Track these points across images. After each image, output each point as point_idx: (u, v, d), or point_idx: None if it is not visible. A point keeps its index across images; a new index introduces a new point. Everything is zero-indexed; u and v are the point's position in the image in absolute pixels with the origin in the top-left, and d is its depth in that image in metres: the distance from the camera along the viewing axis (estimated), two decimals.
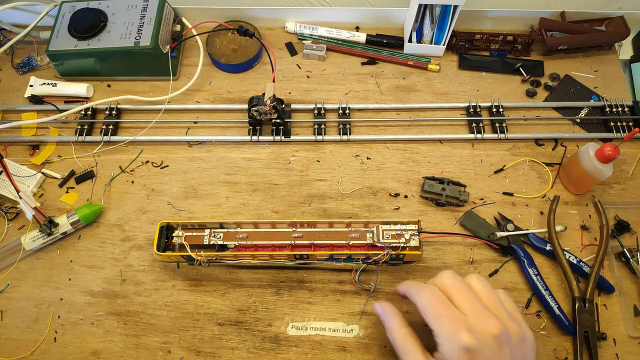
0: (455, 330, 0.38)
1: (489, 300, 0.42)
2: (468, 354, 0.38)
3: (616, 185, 0.60)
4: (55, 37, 0.64)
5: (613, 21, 0.68)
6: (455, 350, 0.38)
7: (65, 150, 0.63)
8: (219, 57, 0.68)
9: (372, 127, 0.65)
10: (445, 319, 0.40)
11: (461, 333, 0.38)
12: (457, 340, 0.38)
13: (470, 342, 0.38)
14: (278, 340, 0.52)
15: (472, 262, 0.55)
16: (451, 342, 0.38)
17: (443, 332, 0.39)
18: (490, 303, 0.41)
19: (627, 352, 0.51)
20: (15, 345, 0.52)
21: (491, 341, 0.39)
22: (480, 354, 0.38)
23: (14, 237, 0.57)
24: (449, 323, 0.39)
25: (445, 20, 0.65)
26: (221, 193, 0.60)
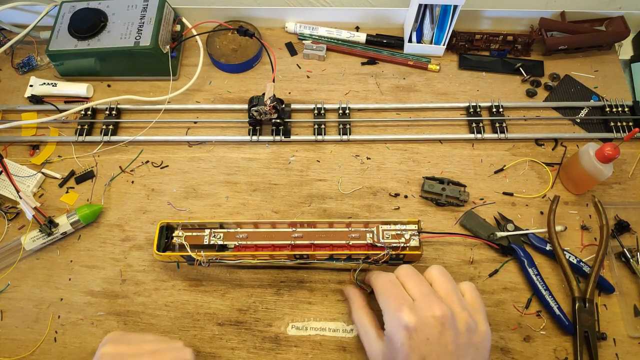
0: (398, 308, 0.41)
1: (441, 287, 0.43)
2: (407, 332, 0.40)
3: (616, 185, 0.60)
4: (55, 37, 0.64)
5: (613, 21, 0.68)
6: (396, 327, 0.40)
7: (65, 150, 0.63)
8: (219, 57, 0.68)
9: (372, 127, 0.65)
10: (391, 298, 0.43)
11: (403, 311, 0.41)
12: (399, 317, 0.40)
13: (409, 320, 0.40)
14: (278, 340, 0.52)
15: (472, 262, 0.55)
16: (393, 319, 0.41)
17: (388, 310, 0.42)
18: (442, 290, 0.43)
19: (627, 352, 0.51)
20: (15, 345, 0.52)
21: (432, 322, 0.40)
22: (420, 333, 0.40)
23: (14, 237, 0.57)
24: (393, 302, 0.42)
25: (445, 20, 0.65)
26: (221, 193, 0.60)
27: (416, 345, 0.39)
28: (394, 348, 0.41)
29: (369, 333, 0.45)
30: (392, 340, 0.41)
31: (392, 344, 0.41)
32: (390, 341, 0.41)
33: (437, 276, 0.44)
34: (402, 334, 0.40)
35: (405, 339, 0.40)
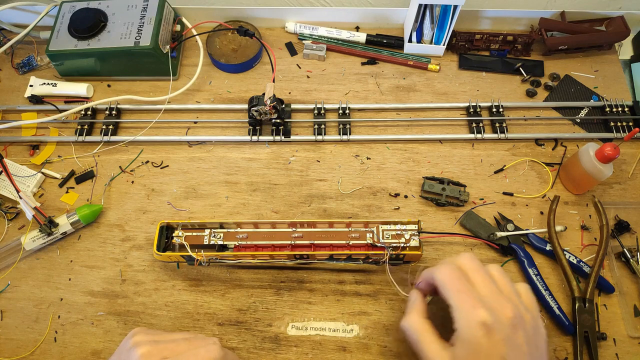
0: (474, 305, 0.39)
1: (505, 288, 0.42)
2: (484, 330, 0.38)
3: (616, 185, 0.60)
4: (55, 37, 0.64)
5: (613, 21, 0.68)
6: (473, 325, 0.38)
7: (65, 150, 0.63)
8: (219, 57, 0.68)
9: (372, 127, 0.65)
10: (463, 294, 0.40)
11: (479, 308, 0.38)
12: (475, 315, 0.38)
13: (487, 318, 0.38)
14: (278, 340, 0.52)
15: None
16: (469, 316, 0.39)
17: (461, 306, 0.39)
18: (506, 291, 0.42)
19: (627, 352, 0.51)
20: (15, 345, 0.52)
21: (506, 322, 0.39)
22: (497, 333, 0.38)
23: (14, 237, 0.57)
24: (467, 298, 0.39)
25: (445, 20, 0.65)
26: (221, 193, 0.60)
27: (494, 345, 0.38)
28: (471, 349, 0.38)
29: (433, 342, 0.41)
30: (469, 340, 0.38)
31: (470, 345, 0.38)
32: (467, 342, 0.38)
33: (499, 276, 0.43)
34: (482, 333, 0.38)
35: (485, 338, 0.38)
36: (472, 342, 0.38)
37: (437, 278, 0.42)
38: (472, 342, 0.38)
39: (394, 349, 0.51)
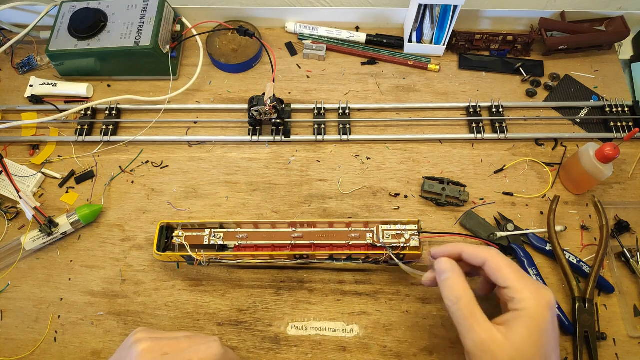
0: (540, 288, 0.40)
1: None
2: (551, 311, 0.39)
3: (616, 185, 0.60)
4: (55, 37, 0.64)
5: (613, 21, 0.68)
6: (543, 306, 0.39)
7: (65, 150, 0.63)
8: (219, 57, 0.68)
9: (372, 127, 0.65)
10: (526, 277, 0.41)
11: (546, 290, 0.40)
12: (544, 296, 0.39)
13: (553, 300, 0.39)
14: (278, 340, 0.52)
15: None
16: (538, 298, 0.39)
17: (528, 288, 0.39)
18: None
19: (627, 352, 0.51)
20: (15, 345, 0.52)
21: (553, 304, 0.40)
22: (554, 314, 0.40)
23: (14, 237, 0.57)
24: (531, 281, 0.40)
25: (445, 20, 0.65)
26: (221, 193, 0.60)
27: (554, 327, 0.39)
28: (539, 329, 0.38)
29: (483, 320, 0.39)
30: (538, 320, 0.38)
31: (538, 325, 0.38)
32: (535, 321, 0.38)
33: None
34: (549, 314, 0.39)
35: (551, 320, 0.39)
36: (541, 321, 0.39)
37: (490, 260, 0.41)
38: (541, 322, 0.39)
39: (394, 348, 0.51)
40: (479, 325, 0.39)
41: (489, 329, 0.39)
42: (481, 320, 0.39)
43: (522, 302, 0.39)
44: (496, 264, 0.41)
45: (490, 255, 0.42)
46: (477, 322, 0.39)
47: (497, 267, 0.41)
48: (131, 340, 0.42)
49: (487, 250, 0.43)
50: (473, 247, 0.43)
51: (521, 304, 0.39)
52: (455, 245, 0.44)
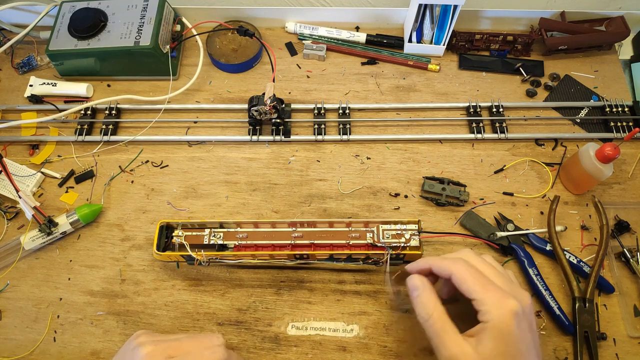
0: (503, 297, 0.39)
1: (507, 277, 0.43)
2: (516, 319, 0.39)
3: (616, 185, 0.60)
4: (55, 37, 0.64)
5: (613, 21, 0.68)
6: (506, 315, 0.39)
7: (65, 150, 0.63)
8: (219, 57, 0.68)
9: (372, 127, 0.65)
10: (489, 286, 0.40)
11: (509, 299, 0.39)
12: (507, 305, 0.39)
13: (517, 307, 0.39)
14: (278, 340, 0.51)
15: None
16: (501, 308, 0.39)
17: (490, 298, 0.40)
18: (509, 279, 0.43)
19: (627, 352, 0.51)
20: (15, 345, 0.52)
21: (527, 309, 0.40)
22: (524, 321, 0.39)
23: (13, 236, 0.57)
24: (495, 291, 0.40)
25: (445, 20, 0.65)
26: (221, 193, 0.60)
27: (523, 333, 0.39)
28: (503, 339, 0.38)
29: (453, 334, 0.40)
30: (502, 330, 0.38)
31: (502, 335, 0.38)
32: (499, 332, 0.39)
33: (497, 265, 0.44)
34: (514, 323, 0.38)
35: (516, 328, 0.38)
36: (506, 332, 0.39)
37: (456, 274, 0.42)
38: (506, 332, 0.39)
39: (394, 349, 0.51)
40: (450, 339, 0.40)
41: (459, 343, 0.40)
42: (452, 335, 0.40)
43: (486, 314, 0.39)
44: (461, 276, 0.41)
45: (455, 267, 0.42)
46: (448, 336, 0.40)
47: (462, 279, 0.41)
48: (133, 343, 0.42)
49: (453, 262, 0.43)
50: (440, 261, 0.44)
51: (486, 315, 0.39)
52: (426, 260, 0.45)
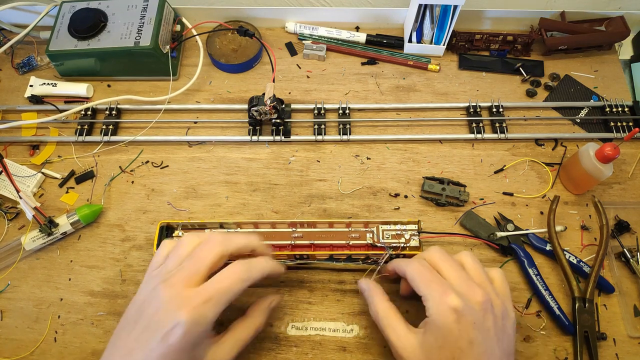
0: (444, 293, 0.40)
1: (475, 273, 0.44)
2: (456, 314, 0.39)
3: (616, 185, 0.60)
4: (55, 37, 0.64)
5: (613, 21, 0.68)
6: (445, 311, 0.40)
7: (65, 150, 0.63)
8: (219, 57, 0.68)
9: (372, 127, 0.65)
10: (433, 283, 0.42)
11: (449, 295, 0.40)
12: (446, 301, 0.40)
13: (457, 303, 0.40)
14: (278, 340, 0.52)
15: None
16: (441, 304, 0.40)
17: (432, 295, 0.41)
18: (477, 276, 0.44)
19: (627, 352, 0.51)
20: (15, 345, 0.52)
21: (476, 306, 0.41)
22: (467, 316, 0.40)
23: (14, 237, 0.57)
24: (437, 287, 0.41)
25: (445, 20, 0.65)
26: (221, 193, 0.60)
27: (464, 329, 0.39)
28: (441, 334, 0.40)
29: (398, 327, 0.43)
30: (440, 325, 0.40)
31: (440, 330, 0.40)
32: (437, 327, 0.40)
33: (470, 262, 0.45)
34: (452, 318, 0.39)
35: (455, 323, 0.39)
36: (444, 327, 0.40)
37: (408, 272, 0.44)
38: (444, 327, 0.40)
39: None
40: (395, 333, 0.43)
41: (404, 335, 0.42)
42: (397, 329, 0.43)
43: (428, 309, 0.41)
44: (411, 275, 0.44)
45: (408, 267, 0.44)
46: (394, 330, 0.43)
47: (411, 277, 0.43)
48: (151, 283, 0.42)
49: (408, 263, 0.45)
50: (398, 262, 0.47)
51: (428, 311, 0.41)
52: (391, 263, 0.48)
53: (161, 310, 0.39)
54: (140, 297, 0.42)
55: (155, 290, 0.40)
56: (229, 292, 0.41)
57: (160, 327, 0.39)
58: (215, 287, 0.40)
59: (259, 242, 0.46)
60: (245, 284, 0.42)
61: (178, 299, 0.39)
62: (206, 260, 0.41)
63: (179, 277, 0.40)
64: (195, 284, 0.40)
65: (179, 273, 0.41)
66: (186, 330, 0.38)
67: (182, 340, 0.38)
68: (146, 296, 0.41)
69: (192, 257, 0.42)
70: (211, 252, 0.42)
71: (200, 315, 0.39)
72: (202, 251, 0.42)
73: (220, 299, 0.40)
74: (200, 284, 0.40)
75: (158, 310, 0.39)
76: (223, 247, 0.42)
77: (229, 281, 0.41)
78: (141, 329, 0.40)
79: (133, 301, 0.43)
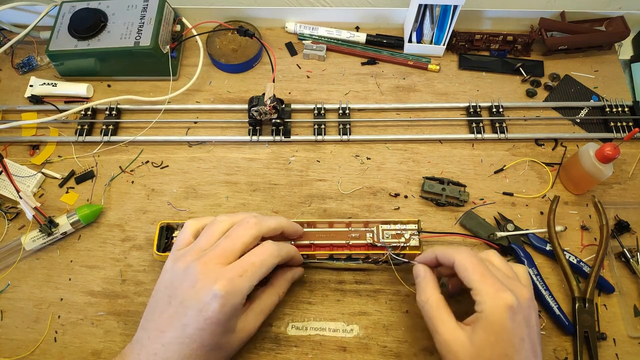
0: (500, 289, 0.40)
1: (509, 272, 0.44)
2: (511, 312, 0.39)
3: (616, 185, 0.60)
4: (55, 37, 0.64)
5: (613, 21, 0.68)
6: (500, 307, 0.39)
7: (65, 150, 0.63)
8: (219, 57, 0.68)
9: (372, 127, 0.65)
10: (488, 278, 0.41)
11: (505, 292, 0.40)
12: (503, 297, 0.39)
13: (513, 301, 0.39)
14: (278, 340, 0.52)
15: None
16: (496, 300, 0.40)
17: (487, 290, 0.40)
18: (510, 274, 0.44)
19: (627, 352, 0.51)
20: (15, 346, 0.52)
21: (525, 303, 0.41)
22: (520, 315, 0.40)
23: (14, 237, 0.57)
24: (492, 282, 0.41)
25: (445, 20, 0.65)
26: (221, 193, 0.60)
27: (517, 326, 0.39)
28: (494, 330, 0.39)
29: (449, 320, 0.42)
30: (494, 322, 0.39)
31: (493, 326, 0.39)
32: (491, 323, 0.39)
33: (499, 261, 0.45)
34: (508, 315, 0.39)
35: (509, 321, 0.39)
36: (498, 324, 0.39)
37: (460, 261, 0.43)
38: (498, 324, 0.39)
39: (394, 349, 0.51)
40: (444, 326, 0.41)
41: (453, 330, 0.41)
42: (446, 322, 0.42)
43: (481, 304, 0.40)
44: (462, 264, 0.42)
45: (458, 255, 0.43)
46: (443, 323, 0.42)
47: (464, 267, 0.42)
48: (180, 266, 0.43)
49: (457, 250, 0.44)
50: (444, 249, 0.46)
51: (480, 306, 0.40)
52: (432, 250, 0.47)
53: (197, 285, 0.40)
54: (168, 277, 0.44)
55: (190, 268, 0.42)
56: (263, 266, 0.43)
57: (196, 302, 0.40)
58: (249, 261, 0.42)
59: (288, 222, 0.48)
60: (277, 260, 0.44)
61: (214, 273, 0.41)
62: (242, 239, 0.43)
63: (213, 255, 0.42)
64: (229, 263, 0.42)
65: (213, 251, 0.42)
66: (223, 302, 0.40)
67: (219, 313, 0.40)
68: (176, 275, 0.43)
69: (228, 236, 0.44)
70: (247, 232, 0.44)
71: (236, 287, 0.40)
72: (238, 231, 0.44)
73: (254, 272, 0.42)
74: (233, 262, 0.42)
75: (194, 286, 0.41)
76: (257, 229, 0.44)
77: (262, 257, 0.43)
78: (175, 306, 0.41)
79: (159, 282, 0.44)
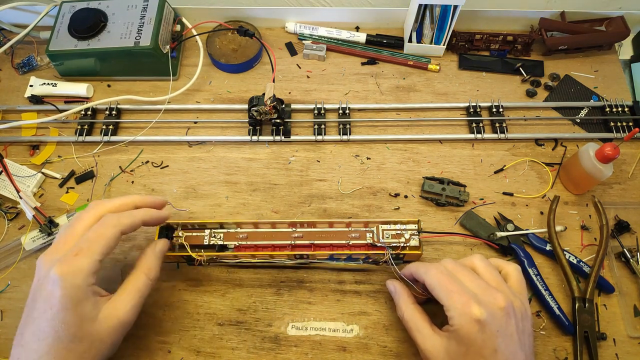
0: (466, 303, 0.40)
1: (491, 278, 0.44)
2: (479, 325, 0.40)
3: (616, 185, 0.60)
4: (55, 37, 0.64)
5: (613, 21, 0.68)
6: (468, 322, 0.40)
7: (65, 150, 0.63)
8: (219, 57, 0.68)
9: (372, 127, 0.65)
10: (455, 293, 0.41)
11: (472, 306, 0.40)
12: (469, 312, 0.40)
13: (480, 314, 0.40)
14: (278, 340, 0.52)
15: None
16: (463, 315, 0.40)
17: (454, 306, 0.41)
18: (493, 281, 0.44)
19: (627, 352, 0.51)
20: None
21: (499, 313, 0.41)
22: (491, 326, 0.40)
23: (14, 237, 0.57)
24: (459, 297, 0.41)
25: (445, 20, 0.65)
26: (221, 193, 0.60)
27: (488, 338, 0.40)
28: (464, 343, 0.40)
29: (424, 329, 0.44)
30: (463, 336, 0.40)
31: (463, 340, 0.40)
32: (461, 337, 0.40)
33: (483, 266, 0.45)
34: (475, 329, 0.40)
35: (479, 334, 0.40)
36: (467, 338, 0.40)
37: (428, 280, 0.44)
38: (467, 338, 0.40)
39: (394, 349, 0.51)
40: (421, 335, 0.44)
41: (429, 337, 0.43)
42: (423, 331, 0.44)
43: (451, 319, 0.41)
44: (431, 284, 0.44)
45: (427, 274, 0.44)
46: (419, 332, 0.44)
47: (432, 286, 0.43)
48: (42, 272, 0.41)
49: (427, 269, 0.45)
50: (417, 267, 0.47)
51: (451, 321, 0.41)
52: (408, 268, 0.48)
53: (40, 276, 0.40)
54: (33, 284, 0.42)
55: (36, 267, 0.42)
56: (101, 238, 0.41)
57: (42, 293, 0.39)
58: (84, 238, 0.41)
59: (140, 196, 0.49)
60: (117, 229, 0.43)
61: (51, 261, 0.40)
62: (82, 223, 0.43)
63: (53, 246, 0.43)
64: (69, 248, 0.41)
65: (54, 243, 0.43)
66: (63, 285, 0.38)
67: (63, 298, 0.38)
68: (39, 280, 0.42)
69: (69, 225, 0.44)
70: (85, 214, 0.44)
71: (74, 266, 0.39)
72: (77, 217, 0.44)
73: (90, 247, 0.41)
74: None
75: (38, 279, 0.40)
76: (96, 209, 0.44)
77: (99, 231, 0.42)
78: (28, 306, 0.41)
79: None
